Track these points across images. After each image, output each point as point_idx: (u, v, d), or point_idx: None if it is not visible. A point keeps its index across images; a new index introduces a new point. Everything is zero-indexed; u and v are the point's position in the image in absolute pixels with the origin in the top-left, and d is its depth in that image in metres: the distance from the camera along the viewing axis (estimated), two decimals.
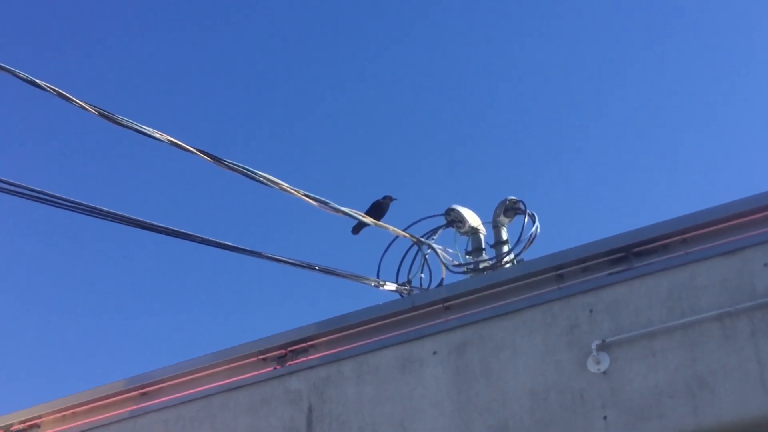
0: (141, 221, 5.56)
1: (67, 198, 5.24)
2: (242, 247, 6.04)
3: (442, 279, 6.72)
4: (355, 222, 6.89)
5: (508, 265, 6.59)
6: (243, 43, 17.59)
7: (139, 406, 6.05)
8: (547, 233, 6.73)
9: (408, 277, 6.78)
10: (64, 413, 6.31)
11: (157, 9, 17.21)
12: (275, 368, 5.70)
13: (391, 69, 17.26)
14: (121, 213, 5.48)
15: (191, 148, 5.50)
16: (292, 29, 17.36)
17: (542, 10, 16.71)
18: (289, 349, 5.72)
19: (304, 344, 5.69)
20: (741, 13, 15.68)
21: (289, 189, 5.93)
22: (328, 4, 17.10)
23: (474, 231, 6.87)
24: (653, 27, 16.13)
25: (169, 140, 5.41)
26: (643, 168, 16.08)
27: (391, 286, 6.74)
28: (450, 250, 6.84)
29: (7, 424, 6.39)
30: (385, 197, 7.04)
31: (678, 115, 16.10)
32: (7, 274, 16.90)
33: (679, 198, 14.86)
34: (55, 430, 6.30)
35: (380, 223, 6.79)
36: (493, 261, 6.71)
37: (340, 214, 6.34)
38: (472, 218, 6.89)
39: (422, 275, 6.77)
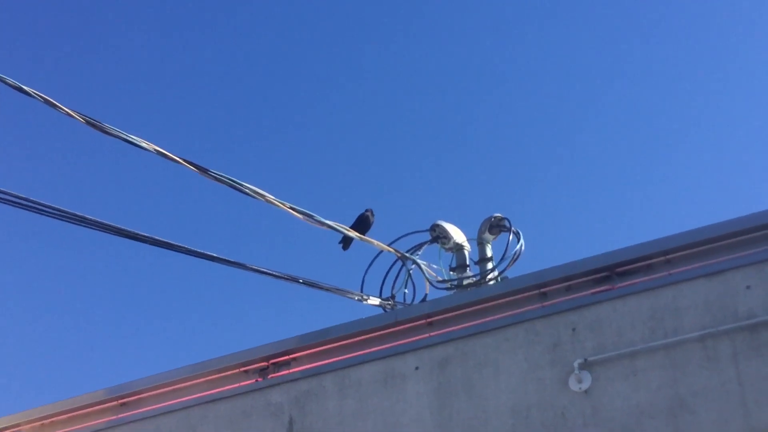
0: (125, 230, 5.54)
1: (52, 205, 5.22)
2: (226, 258, 6.03)
3: (426, 294, 6.72)
4: (342, 237, 6.89)
5: (491, 282, 6.60)
6: (230, 55, 17.61)
7: (119, 416, 6.03)
8: (532, 251, 6.75)
9: (392, 292, 6.77)
10: (42, 422, 6.27)
11: (146, 18, 17.21)
12: (257, 381, 5.68)
13: (376, 83, 17.30)
14: (106, 222, 5.46)
15: (178, 158, 5.49)
16: (278, 43, 17.39)
17: (531, 24, 16.80)
18: (271, 361, 5.70)
19: (286, 357, 5.68)
20: (727, 39, 15.80)
21: (274, 201, 5.92)
22: (311, 18, 17.13)
23: (458, 247, 6.88)
24: (641, 53, 16.23)
25: (155, 150, 5.40)
26: (628, 188, 16.15)
27: (374, 301, 6.73)
28: (434, 266, 6.84)
29: None
30: (367, 210, 7.03)
31: (662, 136, 16.18)
32: None
33: (662, 219, 14.92)
34: None
35: (365, 237, 6.79)
36: (477, 278, 6.71)
37: (325, 228, 6.33)
38: (457, 234, 6.90)
39: (406, 290, 6.77)
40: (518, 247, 6.66)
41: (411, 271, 6.79)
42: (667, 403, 4.58)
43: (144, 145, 5.36)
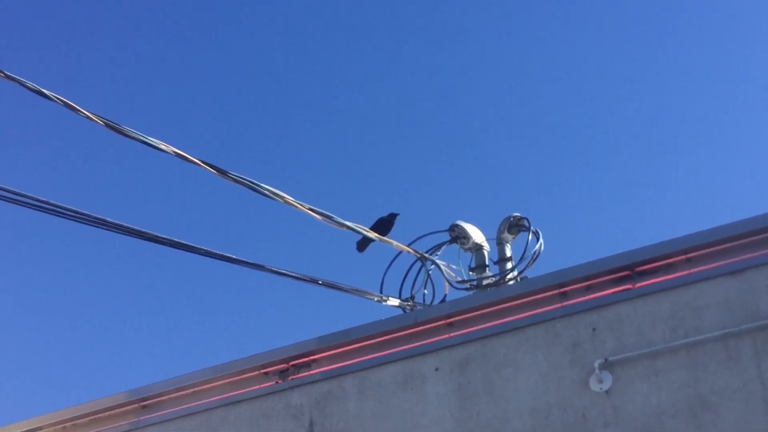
0: (145, 232, 5.56)
1: (72, 208, 5.25)
2: (245, 260, 6.04)
3: (446, 295, 6.72)
4: (359, 238, 6.88)
5: (511, 282, 6.59)
6: (249, 56, 17.64)
7: (140, 418, 6.05)
8: (551, 251, 6.73)
9: (411, 293, 6.77)
10: (64, 425, 6.30)
11: (165, 19, 17.27)
12: (277, 382, 5.69)
13: (395, 84, 17.30)
14: (126, 224, 5.48)
15: (197, 160, 5.50)
16: (298, 44, 17.41)
17: (545, 25, 16.76)
18: (291, 363, 5.71)
19: (306, 359, 5.68)
20: (746, 36, 15.71)
21: (293, 202, 5.93)
22: (328, 19, 17.14)
23: (478, 247, 6.87)
24: (657, 50, 16.16)
25: (174, 152, 5.42)
26: (648, 186, 16.08)
27: (394, 302, 6.73)
28: (453, 266, 6.84)
29: None
30: (389, 215, 7.01)
31: (684, 133, 16.11)
32: (8, 282, 16.92)
33: (683, 217, 14.85)
34: None
35: (384, 238, 6.78)
36: (497, 278, 6.71)
37: (345, 229, 6.33)
38: (476, 234, 6.89)
39: (425, 291, 6.77)
40: (537, 246, 6.66)
41: (430, 272, 6.79)
42: (689, 403, 4.55)
43: (163, 147, 5.38)
